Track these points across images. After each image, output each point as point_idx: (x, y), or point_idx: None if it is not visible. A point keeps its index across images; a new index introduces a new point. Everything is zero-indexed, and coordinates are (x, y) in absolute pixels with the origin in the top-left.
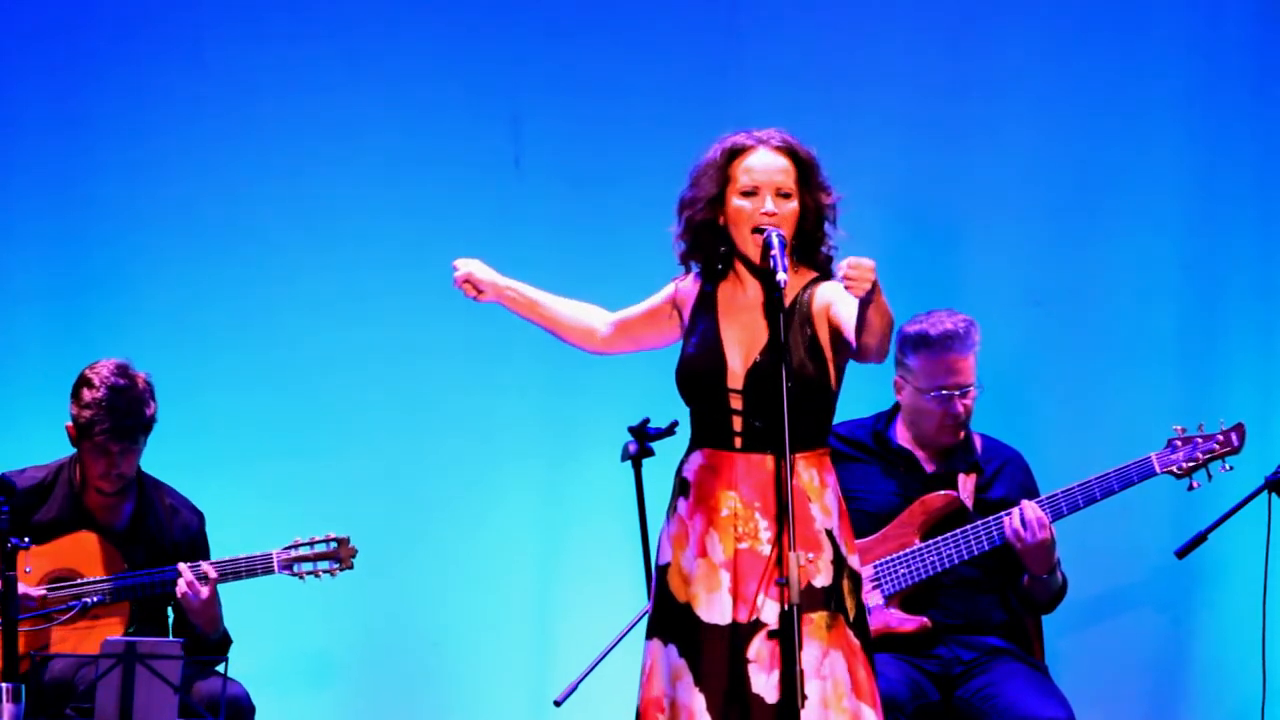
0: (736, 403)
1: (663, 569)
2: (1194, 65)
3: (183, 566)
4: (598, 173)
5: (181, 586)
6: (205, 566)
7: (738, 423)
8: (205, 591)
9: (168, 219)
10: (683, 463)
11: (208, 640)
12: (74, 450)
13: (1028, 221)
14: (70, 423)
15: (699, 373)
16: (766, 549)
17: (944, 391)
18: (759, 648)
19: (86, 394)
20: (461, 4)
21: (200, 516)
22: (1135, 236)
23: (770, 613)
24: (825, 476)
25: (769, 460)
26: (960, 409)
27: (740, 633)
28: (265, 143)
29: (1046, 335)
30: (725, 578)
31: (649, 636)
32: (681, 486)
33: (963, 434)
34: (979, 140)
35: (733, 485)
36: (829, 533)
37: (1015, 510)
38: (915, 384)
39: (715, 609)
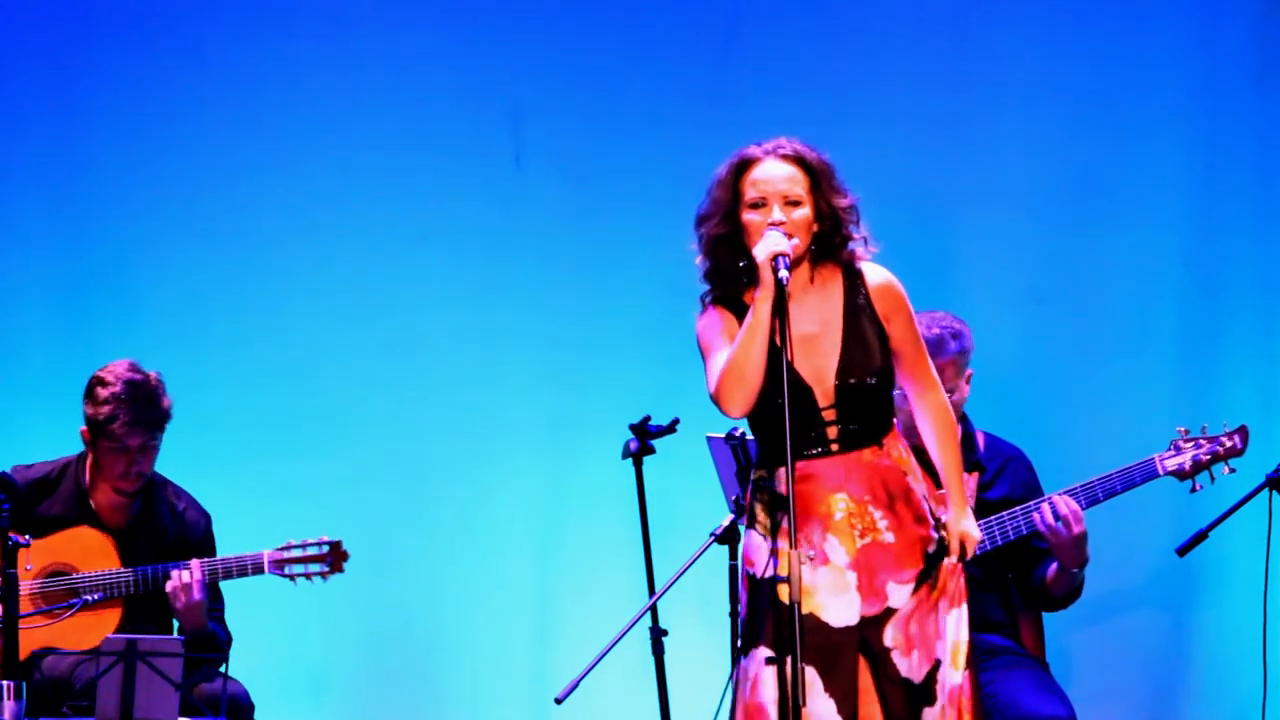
0: (830, 414)
1: (769, 581)
2: (1195, 61)
3: (175, 570)
4: (598, 170)
5: (172, 583)
6: (192, 564)
7: (833, 431)
8: (196, 594)
9: (169, 215)
10: (764, 478)
11: (193, 637)
12: (83, 450)
13: (1028, 219)
14: (85, 426)
15: (793, 397)
16: (889, 537)
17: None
18: (894, 634)
19: (102, 391)
20: (462, 3)
21: (207, 517)
22: (1136, 234)
23: (898, 597)
24: (904, 445)
25: (865, 454)
26: None
27: (869, 625)
28: (266, 139)
29: (1047, 333)
30: (852, 578)
31: (753, 644)
32: (778, 501)
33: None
34: (979, 137)
35: (840, 487)
36: (929, 505)
37: (1046, 504)
38: None
39: (843, 612)
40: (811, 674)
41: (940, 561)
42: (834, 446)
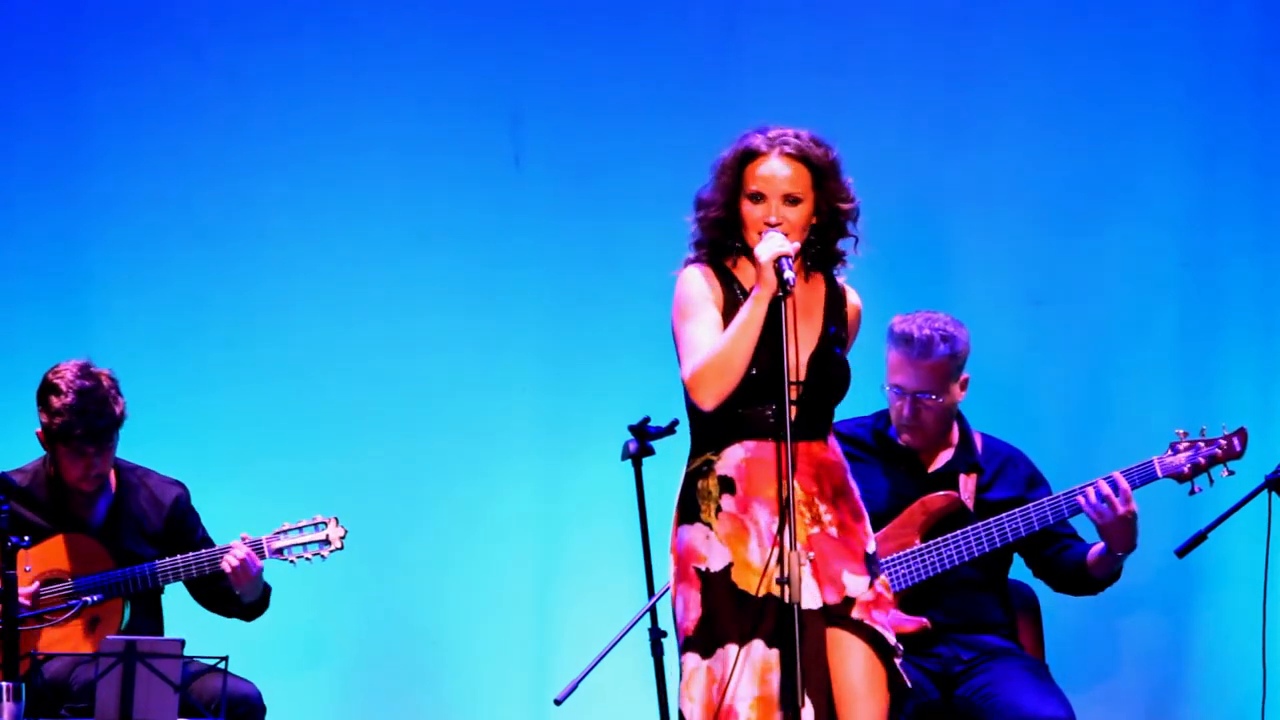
0: (794, 394)
1: (720, 573)
2: (1195, 60)
3: (225, 555)
4: (597, 171)
5: (230, 563)
6: (234, 546)
7: (793, 412)
8: (258, 563)
9: (168, 215)
10: (708, 462)
11: (245, 601)
12: (44, 452)
13: (1026, 219)
14: (40, 429)
15: (766, 373)
16: (834, 531)
17: (892, 387)
18: (860, 616)
19: (55, 401)
20: (462, 3)
21: (182, 485)
22: (1135, 235)
23: (856, 586)
24: (839, 448)
25: (814, 446)
26: (907, 410)
27: (834, 613)
28: (264, 139)
29: (1046, 334)
30: (805, 566)
31: (711, 646)
32: (723, 484)
33: (916, 439)
34: (978, 136)
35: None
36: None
37: (1091, 487)
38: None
39: (805, 595)
40: (775, 656)
41: (877, 573)
42: (788, 430)
